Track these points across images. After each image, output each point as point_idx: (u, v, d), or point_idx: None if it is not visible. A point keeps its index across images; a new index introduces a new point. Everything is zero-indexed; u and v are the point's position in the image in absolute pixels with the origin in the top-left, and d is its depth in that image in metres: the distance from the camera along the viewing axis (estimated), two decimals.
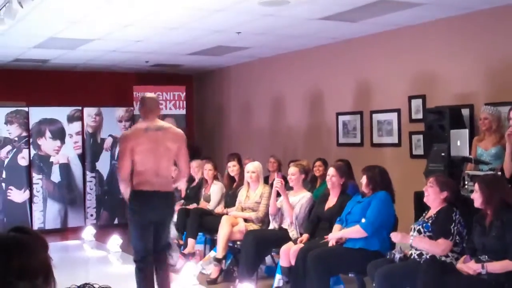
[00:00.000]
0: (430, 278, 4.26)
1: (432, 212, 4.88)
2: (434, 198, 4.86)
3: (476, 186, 4.46)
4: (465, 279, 4.25)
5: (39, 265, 1.88)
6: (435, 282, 4.25)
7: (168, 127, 5.46)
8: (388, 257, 4.82)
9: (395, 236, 4.77)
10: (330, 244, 5.37)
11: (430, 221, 4.80)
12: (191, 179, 8.70)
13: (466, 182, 5.81)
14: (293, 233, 6.14)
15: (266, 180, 7.94)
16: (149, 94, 5.72)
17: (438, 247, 4.60)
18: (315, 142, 9.53)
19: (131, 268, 7.79)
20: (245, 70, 11.27)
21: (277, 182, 6.27)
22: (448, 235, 4.62)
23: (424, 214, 5.03)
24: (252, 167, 6.95)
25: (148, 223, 5.30)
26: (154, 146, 5.27)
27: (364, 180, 5.41)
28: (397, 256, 4.80)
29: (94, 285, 1.33)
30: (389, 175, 5.51)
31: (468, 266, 4.29)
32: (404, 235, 4.76)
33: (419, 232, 4.81)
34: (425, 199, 4.96)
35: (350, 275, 5.43)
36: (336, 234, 5.41)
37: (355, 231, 5.24)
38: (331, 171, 5.87)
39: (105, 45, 8.92)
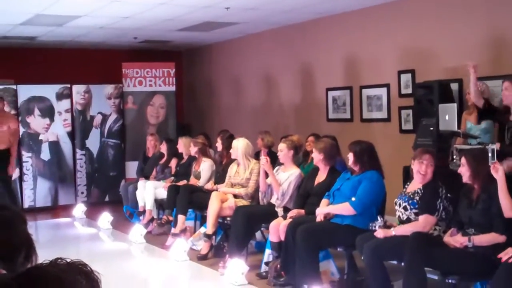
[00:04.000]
0: (417, 251, 4.28)
1: (416, 187, 4.87)
2: (422, 170, 4.77)
3: (463, 160, 4.46)
4: (452, 252, 4.27)
5: (21, 240, 1.89)
6: (422, 255, 4.27)
7: (4, 115, 9.13)
8: (370, 228, 4.84)
9: (378, 234, 4.74)
10: (318, 219, 5.39)
11: (417, 197, 4.79)
12: (180, 156, 8.70)
13: (454, 157, 5.83)
14: (278, 209, 6.17)
15: (257, 156, 7.94)
16: None
17: (419, 226, 4.59)
18: (305, 118, 9.52)
19: (121, 245, 7.87)
20: (235, 46, 11.21)
21: (262, 160, 6.31)
22: (434, 211, 4.62)
23: (405, 187, 5.02)
24: (233, 143, 6.95)
25: None
26: None
27: (350, 156, 5.37)
28: (377, 225, 4.82)
29: (66, 259, 1.32)
30: (376, 150, 5.48)
31: (455, 239, 4.32)
32: (386, 231, 4.74)
33: (405, 209, 4.81)
34: (417, 175, 4.87)
35: (338, 249, 5.45)
36: (324, 209, 5.42)
37: (344, 208, 5.24)
38: (314, 150, 5.90)
39: (93, 22, 8.84)
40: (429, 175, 4.80)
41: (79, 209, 9.84)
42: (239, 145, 6.88)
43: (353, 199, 5.20)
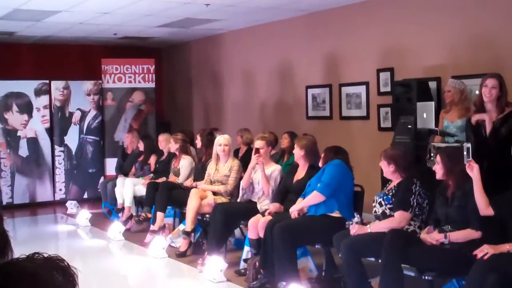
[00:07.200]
0: (393, 249, 4.32)
1: (392, 185, 4.94)
2: (386, 172, 4.97)
3: (438, 158, 4.52)
4: (428, 249, 4.32)
5: None
6: (398, 252, 4.31)
7: None
8: (347, 226, 4.90)
9: (352, 229, 4.81)
10: (292, 217, 5.42)
11: (391, 194, 4.86)
12: (159, 153, 8.67)
13: (432, 154, 5.87)
14: (264, 207, 6.14)
15: (236, 154, 7.95)
16: None
17: (395, 222, 4.66)
18: (285, 115, 9.54)
19: (100, 242, 7.84)
20: (215, 43, 11.20)
21: (257, 158, 6.15)
22: (408, 207, 4.68)
23: (387, 185, 5.09)
24: (225, 140, 6.85)
25: None
26: None
27: (322, 157, 5.58)
28: (354, 222, 4.88)
29: (43, 254, 1.32)
30: (345, 151, 5.59)
31: (431, 236, 4.36)
32: (361, 227, 4.81)
33: (380, 204, 4.87)
34: (384, 174, 5.04)
35: (316, 246, 5.49)
36: (297, 206, 5.49)
37: (313, 197, 5.34)
38: (296, 146, 5.93)
39: (72, 17, 8.77)
40: (388, 173, 4.94)
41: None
42: (230, 142, 6.87)
43: (318, 185, 5.31)
